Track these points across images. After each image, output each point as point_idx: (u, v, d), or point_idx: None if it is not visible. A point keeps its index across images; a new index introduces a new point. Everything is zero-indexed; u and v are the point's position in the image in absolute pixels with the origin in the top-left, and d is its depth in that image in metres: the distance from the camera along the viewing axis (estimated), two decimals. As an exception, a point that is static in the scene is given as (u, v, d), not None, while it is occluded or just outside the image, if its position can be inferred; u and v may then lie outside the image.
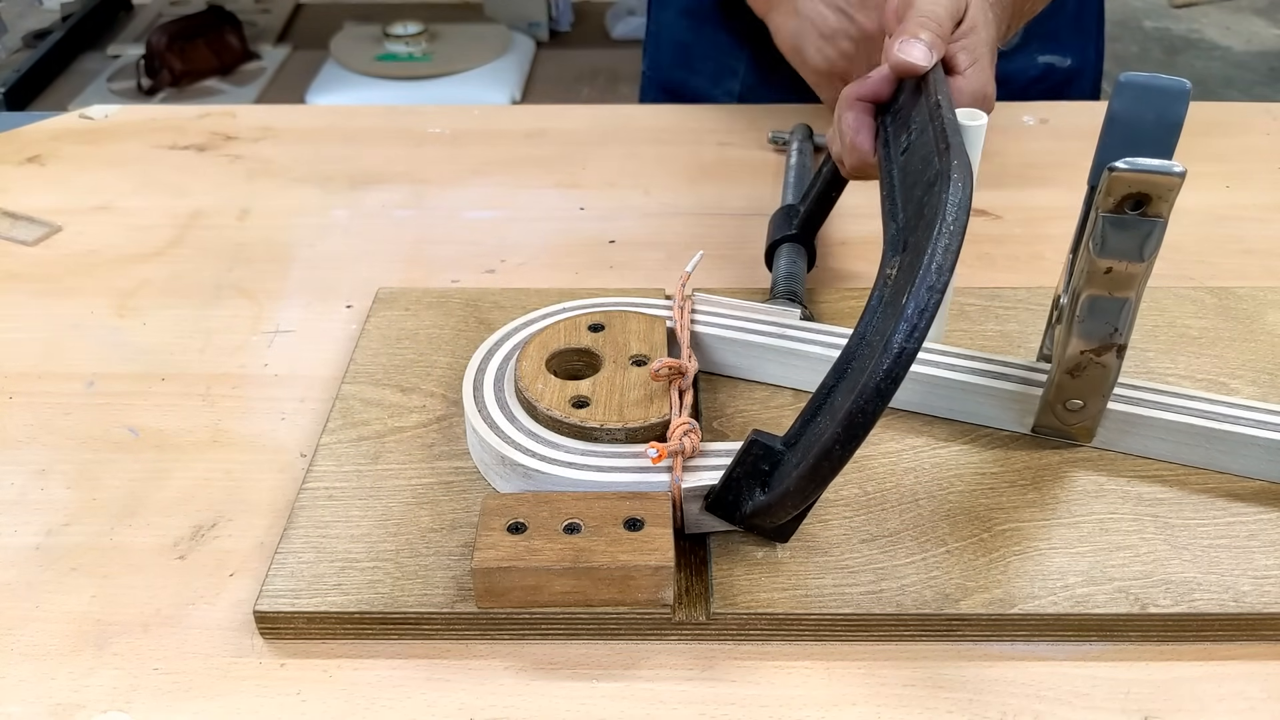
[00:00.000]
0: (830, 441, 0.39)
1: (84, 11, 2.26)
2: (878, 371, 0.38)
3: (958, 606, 0.44)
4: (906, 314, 0.38)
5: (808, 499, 0.42)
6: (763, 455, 0.43)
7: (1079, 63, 0.92)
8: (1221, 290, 0.63)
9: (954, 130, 0.44)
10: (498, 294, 0.63)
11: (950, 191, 0.40)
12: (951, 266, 0.38)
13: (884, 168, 0.51)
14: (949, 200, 0.40)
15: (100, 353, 0.61)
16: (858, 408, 0.38)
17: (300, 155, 0.82)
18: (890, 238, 0.45)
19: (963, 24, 0.57)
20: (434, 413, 0.54)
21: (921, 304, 0.38)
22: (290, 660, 0.44)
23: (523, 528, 0.43)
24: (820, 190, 0.63)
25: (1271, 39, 2.99)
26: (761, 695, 0.42)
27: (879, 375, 0.38)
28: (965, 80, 0.56)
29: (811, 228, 0.64)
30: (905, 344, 0.37)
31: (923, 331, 0.38)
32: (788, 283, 0.60)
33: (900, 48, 0.52)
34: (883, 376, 0.38)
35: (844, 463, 0.39)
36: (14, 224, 0.73)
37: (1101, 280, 0.46)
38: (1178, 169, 0.42)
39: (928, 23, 0.53)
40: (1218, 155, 0.81)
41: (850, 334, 0.46)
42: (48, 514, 0.50)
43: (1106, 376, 0.49)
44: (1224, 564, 0.46)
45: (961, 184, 0.40)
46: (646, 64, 1.00)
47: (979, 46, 0.57)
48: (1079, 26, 0.92)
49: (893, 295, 0.41)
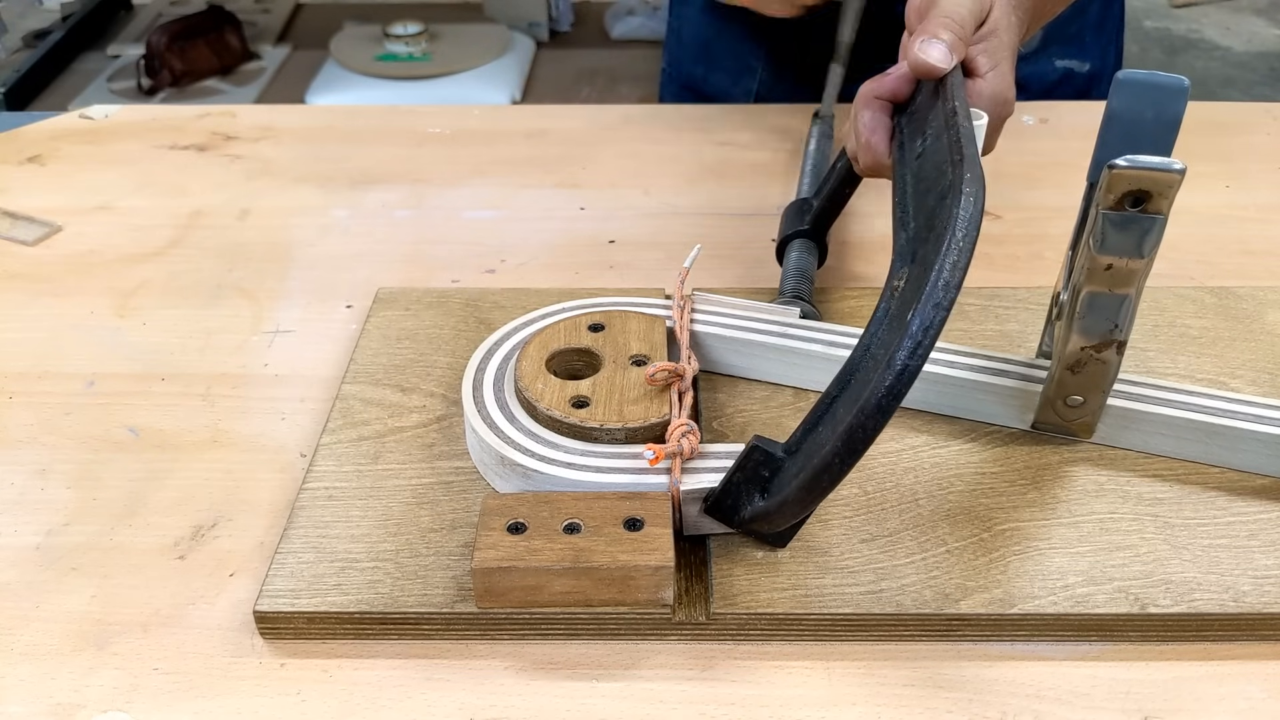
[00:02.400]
0: (830, 455, 0.39)
1: (84, 11, 2.26)
2: (879, 388, 0.37)
3: (958, 606, 0.44)
4: (911, 330, 0.37)
5: (806, 509, 0.42)
6: (763, 461, 0.43)
7: (1098, 67, 0.92)
8: (1221, 290, 0.63)
9: (969, 140, 0.43)
10: (498, 294, 0.63)
11: (961, 206, 0.39)
12: (959, 284, 0.38)
13: (897, 171, 0.50)
14: (959, 215, 0.39)
15: (100, 353, 0.61)
16: (858, 423, 0.38)
17: (300, 155, 0.82)
18: (899, 248, 0.44)
19: (985, 26, 0.56)
20: (434, 413, 0.54)
21: (927, 321, 0.37)
22: (290, 660, 0.44)
23: (522, 528, 0.43)
24: (834, 187, 0.62)
25: (1271, 39, 2.99)
26: (761, 695, 0.42)
27: (880, 392, 0.37)
28: (985, 84, 0.55)
29: (824, 224, 0.63)
30: (909, 361, 0.37)
31: (926, 349, 0.37)
32: (797, 279, 0.60)
33: (920, 47, 0.51)
34: (884, 393, 0.37)
35: (843, 476, 0.39)
36: (14, 224, 0.73)
37: (1102, 277, 0.46)
38: (1178, 166, 0.42)
39: (949, 23, 0.52)
40: (1218, 155, 0.81)
41: (851, 333, 0.46)
42: (48, 514, 0.50)
43: (1106, 372, 0.49)
44: (1224, 564, 0.46)
45: (974, 199, 0.39)
46: (666, 60, 1.00)
47: (1000, 50, 0.56)
48: (1100, 30, 0.91)
49: (899, 309, 0.40)
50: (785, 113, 0.86)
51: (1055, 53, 0.90)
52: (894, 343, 0.37)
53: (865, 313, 0.61)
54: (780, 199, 0.75)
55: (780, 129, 0.84)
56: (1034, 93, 0.89)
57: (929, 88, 0.52)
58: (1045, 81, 0.90)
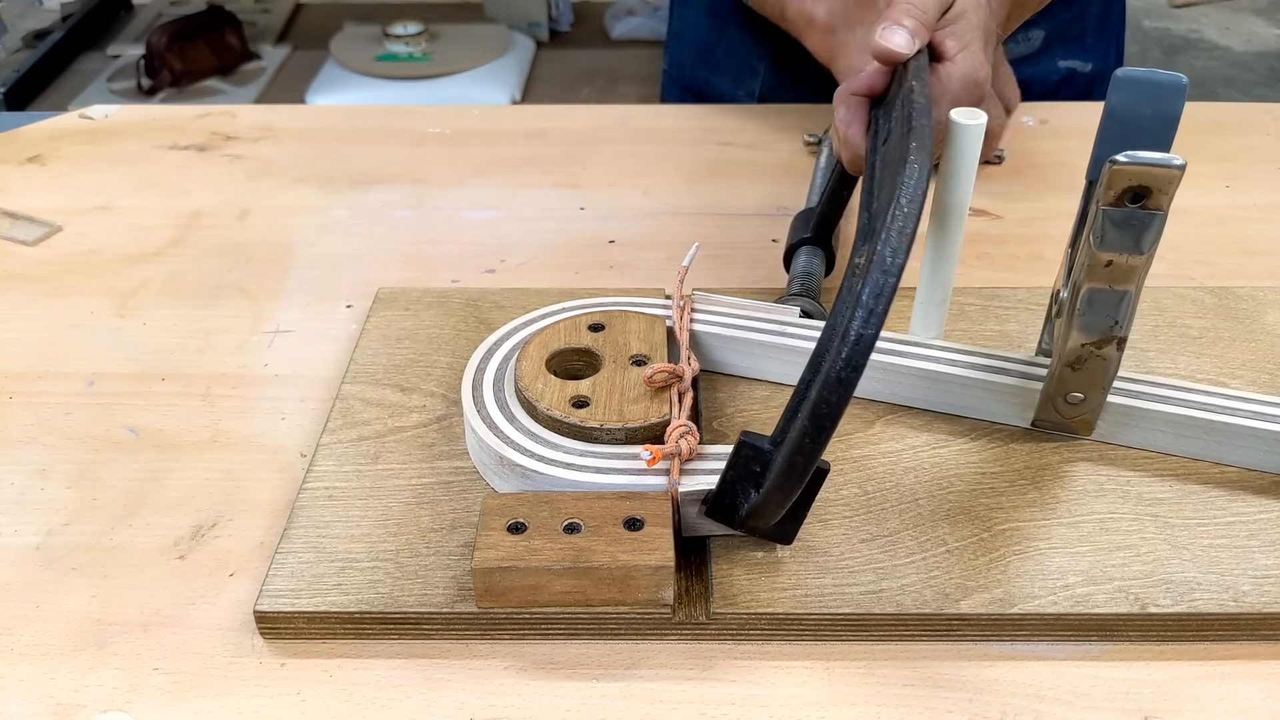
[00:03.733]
0: (800, 436, 0.39)
1: (84, 11, 2.26)
2: (838, 360, 0.37)
3: (958, 606, 0.44)
4: (862, 300, 0.37)
5: (790, 495, 0.42)
6: (753, 456, 0.43)
7: (1100, 67, 0.92)
8: (1221, 290, 0.63)
9: (921, 112, 0.43)
10: (498, 294, 0.62)
11: (905, 174, 0.39)
12: (906, 249, 0.38)
13: (868, 159, 0.51)
14: (904, 182, 0.39)
15: (100, 353, 0.61)
16: (821, 399, 0.37)
17: (300, 155, 0.82)
18: (861, 227, 0.45)
19: (951, 10, 0.57)
20: (434, 413, 0.54)
21: (876, 288, 0.37)
22: (290, 660, 0.44)
23: (523, 528, 0.43)
24: (831, 188, 0.62)
25: (1271, 39, 2.99)
26: (761, 695, 0.42)
27: (839, 364, 0.37)
28: (955, 66, 0.56)
29: (827, 228, 0.63)
30: (863, 330, 0.37)
31: (880, 316, 0.37)
32: (803, 280, 0.60)
33: (882, 34, 0.52)
34: (843, 365, 0.37)
35: (816, 455, 0.39)
36: (14, 224, 0.73)
37: (1102, 273, 0.46)
38: (1178, 161, 0.42)
39: (911, 9, 0.53)
40: (1218, 155, 0.81)
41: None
42: (48, 514, 0.50)
43: (1107, 369, 0.49)
44: (1224, 564, 0.46)
45: (918, 166, 0.40)
46: (668, 62, 1.00)
47: (968, 32, 0.57)
48: (1102, 30, 0.92)
49: (859, 284, 0.41)
50: (785, 112, 0.86)
51: (1058, 53, 0.90)
52: (849, 315, 0.37)
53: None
54: (780, 199, 0.75)
55: (781, 129, 0.84)
56: (1037, 93, 0.89)
57: (898, 75, 0.52)
58: (1048, 82, 0.91)
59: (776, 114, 0.86)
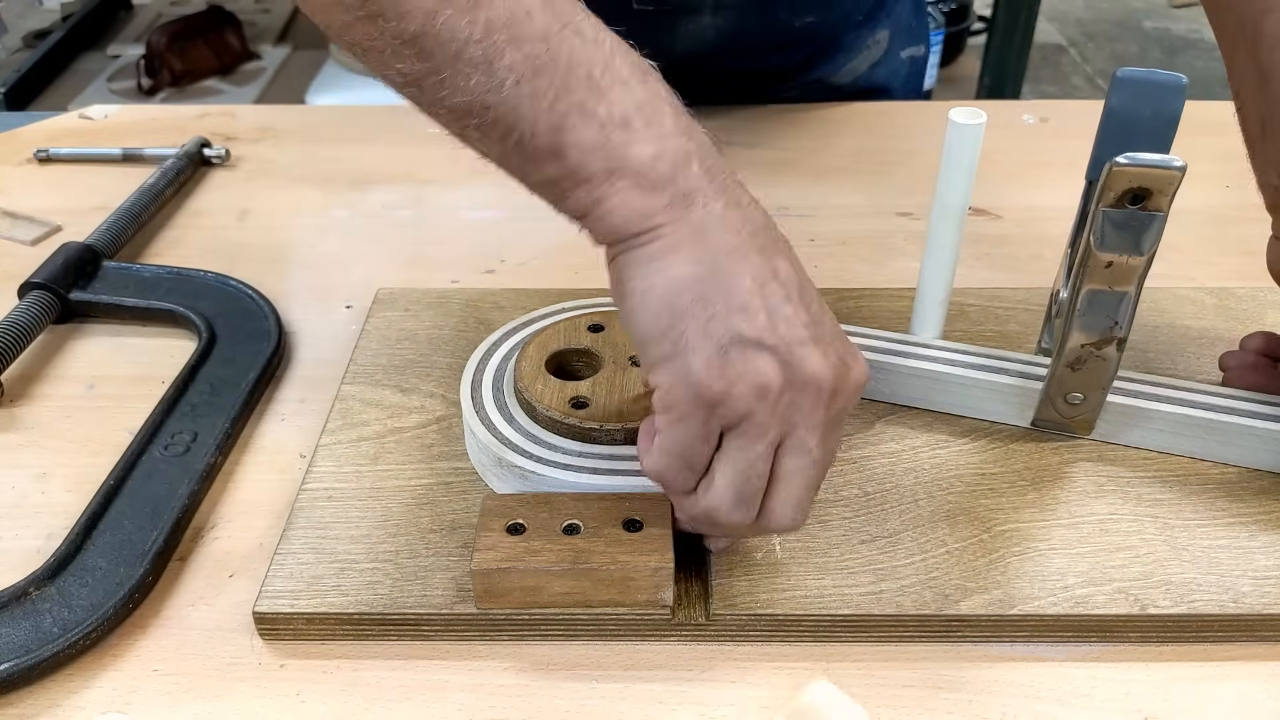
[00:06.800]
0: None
1: (84, 11, 2.25)
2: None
3: (957, 607, 0.44)
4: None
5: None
6: None
7: (927, 49, 0.94)
8: (1221, 290, 0.63)
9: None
10: (497, 294, 0.62)
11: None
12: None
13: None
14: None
15: (100, 354, 0.61)
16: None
17: (300, 155, 0.82)
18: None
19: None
20: (433, 413, 0.54)
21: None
22: (290, 661, 0.44)
23: (522, 529, 0.43)
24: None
25: (1272, 38, 2.98)
26: (761, 696, 0.42)
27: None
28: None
29: None
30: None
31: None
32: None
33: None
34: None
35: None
36: (14, 224, 0.73)
37: (1102, 274, 0.46)
38: (1178, 163, 0.42)
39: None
40: (1218, 155, 0.80)
41: (851, 332, 0.46)
42: (48, 517, 0.50)
43: (1107, 369, 0.49)
44: (1224, 564, 0.46)
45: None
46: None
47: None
48: (918, 12, 0.92)
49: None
50: (785, 112, 0.86)
51: (899, 45, 0.90)
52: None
53: (865, 314, 0.60)
54: (781, 199, 0.75)
55: (781, 128, 0.84)
56: (898, 93, 0.90)
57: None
58: (900, 76, 0.91)
59: (778, 113, 0.86)
